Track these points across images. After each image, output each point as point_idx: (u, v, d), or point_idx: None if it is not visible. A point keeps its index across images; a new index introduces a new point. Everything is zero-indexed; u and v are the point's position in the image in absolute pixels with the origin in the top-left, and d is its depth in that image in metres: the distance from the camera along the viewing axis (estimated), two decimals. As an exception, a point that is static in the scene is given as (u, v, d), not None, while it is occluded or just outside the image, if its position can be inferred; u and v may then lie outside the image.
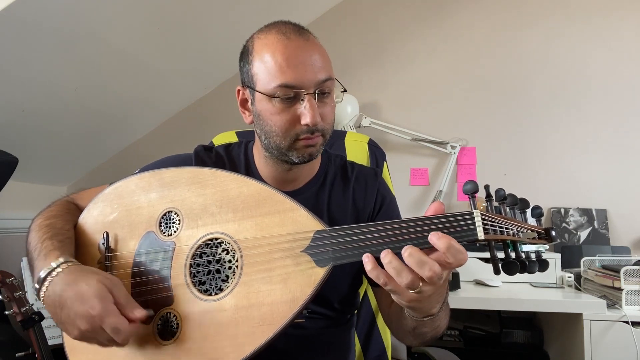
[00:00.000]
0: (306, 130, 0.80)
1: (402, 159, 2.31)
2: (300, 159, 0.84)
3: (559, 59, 2.20)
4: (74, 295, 0.67)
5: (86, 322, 0.66)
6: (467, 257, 0.60)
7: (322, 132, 0.83)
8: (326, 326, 0.93)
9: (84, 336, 0.68)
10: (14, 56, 1.55)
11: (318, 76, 0.80)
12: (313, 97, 0.79)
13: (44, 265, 0.71)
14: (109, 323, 0.65)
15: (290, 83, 0.78)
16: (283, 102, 0.80)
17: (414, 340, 0.81)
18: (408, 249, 0.60)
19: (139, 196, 0.81)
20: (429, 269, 0.59)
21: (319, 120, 0.80)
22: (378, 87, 2.39)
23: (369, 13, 2.44)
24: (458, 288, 1.71)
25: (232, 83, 0.82)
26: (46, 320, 1.35)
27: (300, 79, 0.78)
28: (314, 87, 0.80)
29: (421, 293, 0.62)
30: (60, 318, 0.68)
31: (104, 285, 0.67)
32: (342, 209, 0.93)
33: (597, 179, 2.12)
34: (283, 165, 0.88)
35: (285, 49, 0.79)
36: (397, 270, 0.60)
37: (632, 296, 1.54)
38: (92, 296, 0.66)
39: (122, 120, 2.34)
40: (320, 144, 0.84)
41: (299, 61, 0.79)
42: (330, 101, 0.84)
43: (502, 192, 0.68)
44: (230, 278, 0.73)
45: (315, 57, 0.81)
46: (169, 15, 1.85)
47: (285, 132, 0.81)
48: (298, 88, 0.79)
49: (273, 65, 0.79)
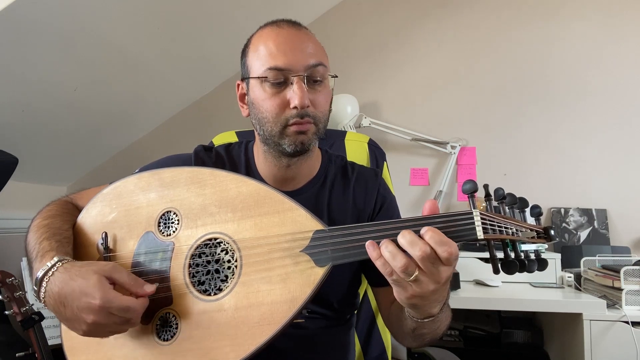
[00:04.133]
0: (295, 114, 0.81)
1: (402, 159, 2.31)
2: (292, 147, 0.83)
3: (559, 59, 2.20)
4: (72, 291, 0.67)
5: (92, 314, 0.66)
6: (453, 250, 0.60)
7: (313, 119, 0.83)
8: (326, 326, 0.93)
9: (93, 329, 0.67)
10: (14, 56, 1.55)
11: (308, 60, 0.81)
12: (302, 81, 0.80)
13: (41, 267, 0.71)
14: (116, 307, 0.66)
15: (279, 66, 0.80)
16: (273, 87, 0.81)
17: (413, 342, 0.82)
18: (402, 232, 0.62)
19: (138, 196, 0.81)
20: (420, 248, 0.60)
21: (307, 102, 0.80)
22: (378, 87, 2.39)
23: (369, 13, 2.44)
24: (458, 288, 1.71)
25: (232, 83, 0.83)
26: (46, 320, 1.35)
27: (288, 62, 0.80)
28: (304, 71, 0.81)
29: (420, 284, 0.62)
30: (65, 316, 0.69)
31: (100, 274, 0.68)
32: (342, 209, 0.93)
33: (597, 179, 2.12)
34: (281, 161, 0.88)
35: (277, 36, 0.83)
36: (392, 254, 0.62)
37: (632, 296, 1.54)
38: (90, 287, 0.66)
39: (122, 119, 2.33)
40: (312, 132, 0.84)
41: (289, 47, 0.81)
42: (323, 89, 0.84)
43: (501, 192, 0.68)
44: (230, 278, 0.73)
45: (306, 44, 0.83)
46: (169, 15, 1.85)
47: (275, 117, 0.82)
48: (287, 71, 0.80)
49: (265, 52, 0.82)
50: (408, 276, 0.62)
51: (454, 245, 0.61)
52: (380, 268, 0.63)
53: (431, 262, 0.61)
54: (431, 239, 0.61)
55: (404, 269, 0.61)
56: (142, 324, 0.74)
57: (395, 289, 0.65)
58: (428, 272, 0.61)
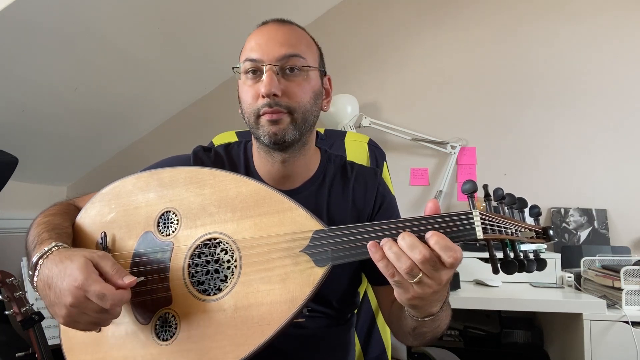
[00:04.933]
0: (265, 102, 0.81)
1: (402, 159, 2.31)
2: (267, 138, 0.83)
3: (559, 59, 2.20)
4: (58, 273, 0.67)
5: (70, 295, 0.65)
6: (458, 255, 0.60)
7: (287, 109, 0.82)
8: (326, 325, 0.93)
9: (70, 314, 0.66)
10: (14, 56, 1.55)
11: (280, 51, 0.82)
12: (272, 70, 0.81)
13: (38, 252, 0.71)
14: (93, 291, 0.64)
15: (251, 57, 0.83)
16: (249, 79, 0.84)
17: (413, 341, 0.82)
18: (402, 234, 0.62)
19: (137, 196, 0.81)
20: (419, 252, 0.60)
21: (273, 90, 0.80)
22: (378, 87, 2.39)
23: (368, 13, 2.44)
24: (458, 288, 1.71)
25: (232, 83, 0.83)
26: (46, 320, 1.35)
27: (261, 53, 0.82)
28: (275, 61, 0.82)
29: (422, 286, 0.62)
30: (50, 300, 0.68)
31: (88, 259, 0.67)
32: (342, 209, 0.93)
33: (597, 179, 2.12)
34: (272, 156, 0.88)
35: (259, 32, 0.86)
36: (397, 255, 0.62)
37: (632, 296, 1.54)
38: (74, 268, 0.65)
39: (122, 120, 2.33)
40: (287, 122, 0.83)
41: (264, 40, 0.84)
42: (299, 79, 0.84)
43: (500, 192, 0.68)
44: (229, 278, 0.73)
45: (285, 37, 0.84)
46: (169, 15, 1.85)
47: (249, 106, 0.84)
48: (259, 61, 0.82)
49: (246, 47, 0.86)
50: (412, 278, 0.61)
51: (459, 250, 0.61)
52: (382, 269, 0.63)
53: (432, 265, 0.61)
54: (436, 244, 0.61)
55: (408, 271, 0.61)
56: (141, 324, 0.74)
57: (396, 290, 0.65)
58: (429, 274, 0.61)
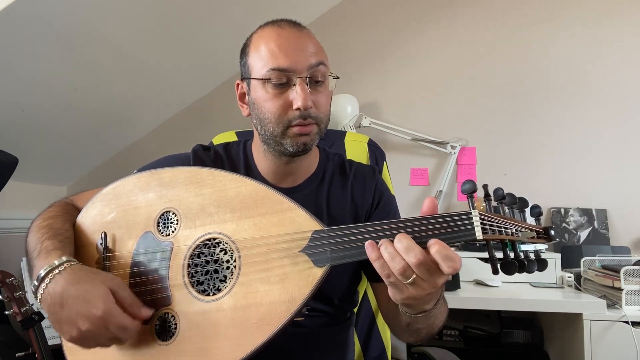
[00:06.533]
0: (298, 115, 0.81)
1: (402, 159, 2.31)
2: (295, 147, 0.83)
3: (559, 59, 2.20)
4: (76, 295, 0.67)
5: (89, 322, 0.66)
6: (457, 266, 0.60)
7: (315, 120, 0.83)
8: (326, 324, 0.93)
9: (82, 337, 0.67)
10: (14, 56, 1.55)
11: (310, 60, 0.81)
12: (305, 82, 0.80)
13: (45, 264, 0.70)
14: (115, 323, 0.66)
15: (282, 67, 0.80)
16: (276, 88, 0.81)
17: (409, 337, 0.82)
18: (399, 236, 0.62)
19: (137, 196, 0.81)
20: (414, 255, 0.60)
21: (310, 104, 0.80)
22: (378, 87, 2.39)
23: (369, 13, 2.44)
24: (458, 288, 1.71)
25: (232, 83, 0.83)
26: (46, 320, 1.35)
27: (291, 62, 0.80)
28: (306, 72, 0.81)
29: (417, 287, 0.62)
30: (59, 317, 0.68)
31: (107, 286, 0.68)
32: (341, 206, 0.93)
33: (597, 179, 2.12)
34: (281, 159, 0.88)
35: (278, 37, 0.82)
36: (392, 256, 0.62)
37: (632, 296, 1.54)
38: (95, 296, 0.66)
39: (122, 120, 2.34)
40: (314, 133, 0.84)
41: (291, 47, 0.81)
42: (324, 90, 0.84)
43: (500, 192, 0.67)
44: (228, 278, 0.73)
45: (308, 44, 0.83)
46: (169, 15, 1.85)
47: (278, 118, 0.82)
48: (290, 72, 0.80)
49: (266, 52, 0.81)
50: (405, 279, 0.62)
51: (459, 260, 0.61)
52: (378, 269, 0.63)
53: (427, 269, 0.61)
54: (437, 254, 0.60)
55: (402, 272, 0.61)
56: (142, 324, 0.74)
57: (390, 290, 0.66)
58: (424, 277, 0.62)
